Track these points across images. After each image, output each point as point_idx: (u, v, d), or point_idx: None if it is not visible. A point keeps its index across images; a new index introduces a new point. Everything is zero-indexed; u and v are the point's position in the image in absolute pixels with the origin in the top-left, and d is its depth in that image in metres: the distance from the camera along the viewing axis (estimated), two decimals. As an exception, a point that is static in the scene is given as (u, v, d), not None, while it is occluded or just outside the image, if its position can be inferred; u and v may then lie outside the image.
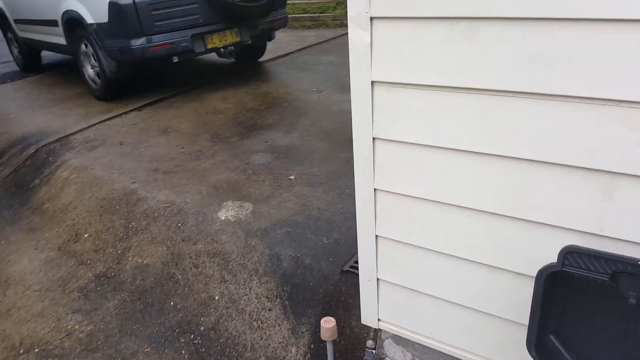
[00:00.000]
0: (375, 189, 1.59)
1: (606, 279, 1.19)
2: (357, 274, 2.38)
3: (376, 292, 1.82)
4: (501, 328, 1.56)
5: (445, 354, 1.75)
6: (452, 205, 1.47)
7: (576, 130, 1.19)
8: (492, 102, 1.28)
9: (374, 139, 1.50)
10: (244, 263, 2.66)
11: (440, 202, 1.49)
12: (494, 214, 1.41)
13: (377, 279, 1.78)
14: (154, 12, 4.62)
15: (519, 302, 1.48)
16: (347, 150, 3.87)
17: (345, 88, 5.51)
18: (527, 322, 1.47)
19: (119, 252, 3.06)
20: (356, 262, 2.47)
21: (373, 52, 1.38)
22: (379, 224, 1.65)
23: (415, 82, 1.36)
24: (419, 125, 1.41)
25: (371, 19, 1.34)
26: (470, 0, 1.20)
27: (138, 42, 4.65)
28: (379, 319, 1.88)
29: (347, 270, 2.40)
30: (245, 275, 2.61)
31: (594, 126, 1.16)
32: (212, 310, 2.55)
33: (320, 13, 9.20)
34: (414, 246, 1.62)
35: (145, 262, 2.92)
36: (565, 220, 1.30)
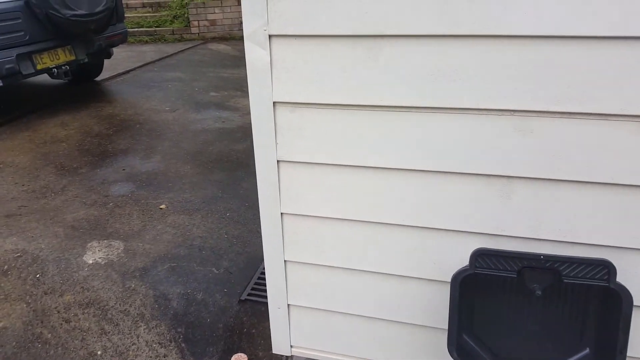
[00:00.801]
0: (282, 213, 1.52)
1: (514, 275, 1.29)
2: (258, 302, 2.30)
3: (287, 319, 1.76)
4: (412, 334, 1.62)
5: (359, 368, 1.76)
6: (360, 221, 1.49)
7: (476, 139, 1.27)
8: (397, 117, 1.30)
9: (278, 161, 1.43)
10: (125, 309, 2.37)
11: (348, 219, 1.50)
12: (401, 225, 1.46)
13: (288, 304, 1.72)
14: (-35, 30, 3.90)
15: (429, 307, 1.55)
16: (217, 171, 3.72)
17: (201, 105, 5.37)
18: (436, 326, 1.55)
19: (-41, 320, 2.48)
20: (254, 289, 2.37)
21: (274, 71, 1.31)
22: (287, 249, 1.60)
23: (320, 102, 1.32)
24: (325, 146, 1.38)
25: (270, 36, 1.27)
26: (373, 19, 1.21)
27: (-54, 65, 3.88)
28: (291, 346, 1.82)
29: (246, 299, 2.28)
30: (129, 322, 2.32)
31: (491, 135, 1.25)
32: (94, 368, 2.20)
33: (157, 27, 8.72)
34: (324, 266, 1.61)
35: (0, 324, 2.43)
36: (469, 225, 1.36)
